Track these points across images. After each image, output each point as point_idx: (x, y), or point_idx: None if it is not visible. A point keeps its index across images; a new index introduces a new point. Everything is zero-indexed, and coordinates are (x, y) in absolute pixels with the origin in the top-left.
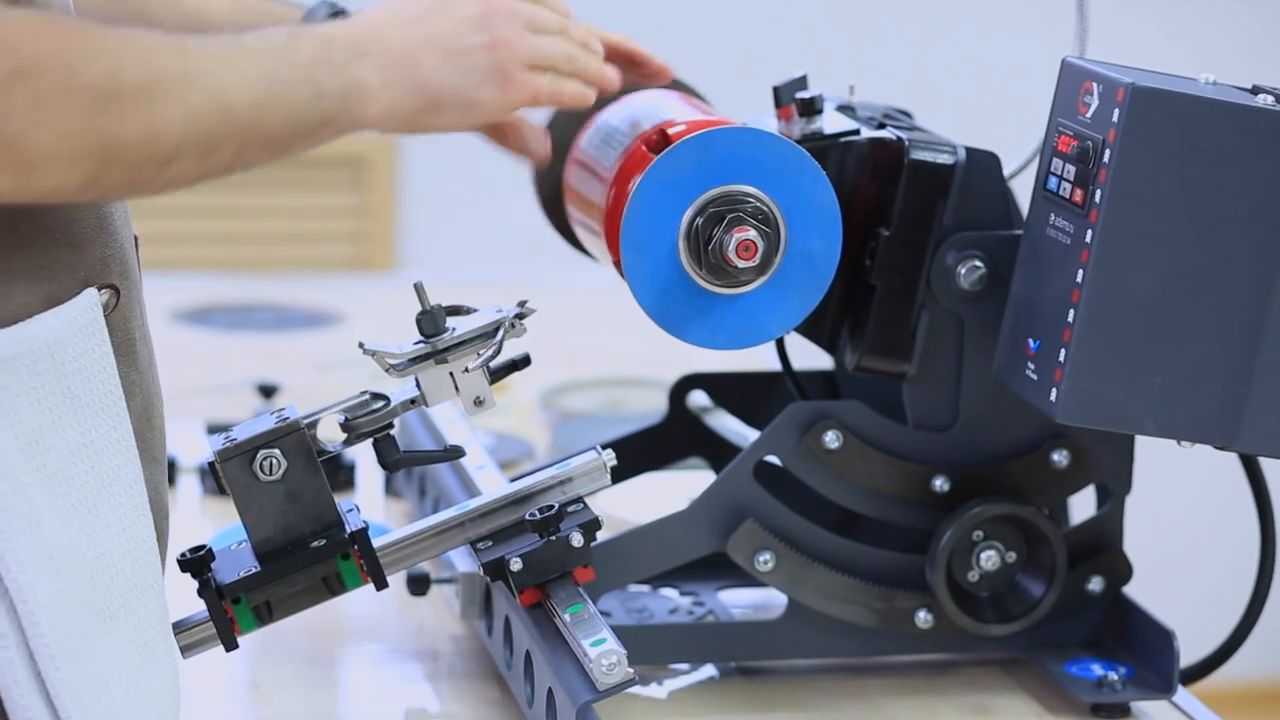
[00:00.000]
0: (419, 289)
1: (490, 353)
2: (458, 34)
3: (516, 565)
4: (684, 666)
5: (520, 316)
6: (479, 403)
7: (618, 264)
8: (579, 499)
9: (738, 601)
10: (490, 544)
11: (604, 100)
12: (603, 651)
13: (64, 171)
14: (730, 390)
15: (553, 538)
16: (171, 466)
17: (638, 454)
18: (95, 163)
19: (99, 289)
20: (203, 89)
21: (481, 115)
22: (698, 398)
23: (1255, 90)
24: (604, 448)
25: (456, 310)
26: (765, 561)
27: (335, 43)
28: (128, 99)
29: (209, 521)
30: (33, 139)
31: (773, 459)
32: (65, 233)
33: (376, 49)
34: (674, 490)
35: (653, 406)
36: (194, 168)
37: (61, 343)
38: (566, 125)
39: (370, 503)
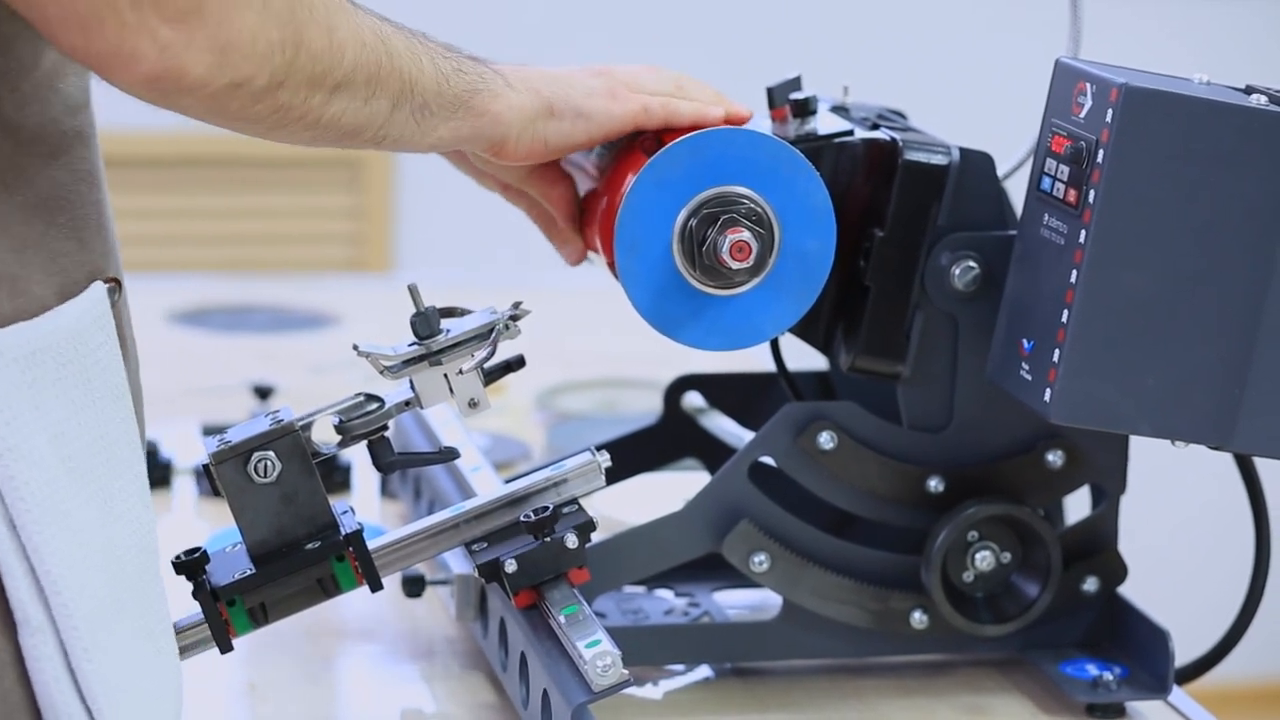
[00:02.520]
0: (413, 291)
1: (485, 354)
2: (576, 75)
3: (511, 567)
4: (679, 667)
5: (515, 318)
6: (474, 404)
7: (612, 265)
8: (574, 500)
9: (733, 602)
10: (485, 545)
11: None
12: (598, 653)
13: (256, 61)
14: (725, 391)
15: (547, 539)
16: (167, 468)
17: (633, 455)
18: (284, 60)
19: (104, 282)
20: (371, 26)
21: (595, 126)
22: (693, 399)
23: (1249, 90)
24: (599, 449)
25: (451, 312)
26: (760, 562)
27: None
28: (317, 3)
29: (205, 523)
30: (237, 17)
31: (768, 460)
32: (72, 227)
33: (504, 71)
34: (669, 491)
35: (648, 407)
36: (356, 108)
37: (80, 335)
38: None
39: (365, 504)
